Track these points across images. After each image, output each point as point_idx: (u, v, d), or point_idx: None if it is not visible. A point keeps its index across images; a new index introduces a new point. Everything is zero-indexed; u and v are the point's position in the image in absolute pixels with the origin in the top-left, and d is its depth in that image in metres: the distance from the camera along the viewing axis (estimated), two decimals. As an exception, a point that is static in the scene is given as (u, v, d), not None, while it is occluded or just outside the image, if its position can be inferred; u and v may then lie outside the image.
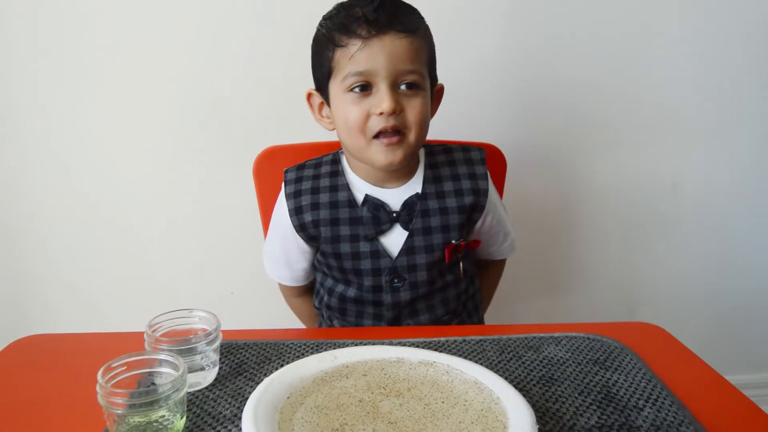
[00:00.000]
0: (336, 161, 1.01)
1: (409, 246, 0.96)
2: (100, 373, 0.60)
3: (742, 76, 1.53)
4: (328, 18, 0.93)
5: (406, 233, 0.96)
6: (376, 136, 0.90)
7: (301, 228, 0.98)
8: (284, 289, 1.15)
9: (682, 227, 1.64)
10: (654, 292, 1.69)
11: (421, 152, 1.02)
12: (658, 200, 1.61)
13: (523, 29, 1.46)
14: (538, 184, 1.57)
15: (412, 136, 0.91)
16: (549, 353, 0.80)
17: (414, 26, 0.90)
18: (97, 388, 0.59)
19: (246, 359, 0.78)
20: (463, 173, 1.00)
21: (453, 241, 0.97)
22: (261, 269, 1.14)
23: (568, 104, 1.52)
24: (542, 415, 0.66)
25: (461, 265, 1.01)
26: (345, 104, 0.90)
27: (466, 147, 1.03)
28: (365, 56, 0.87)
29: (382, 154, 0.90)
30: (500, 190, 1.23)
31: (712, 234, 1.65)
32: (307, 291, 1.15)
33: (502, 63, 1.47)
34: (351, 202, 0.97)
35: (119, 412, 0.58)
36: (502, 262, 1.20)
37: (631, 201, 1.60)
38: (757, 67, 1.52)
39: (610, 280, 1.68)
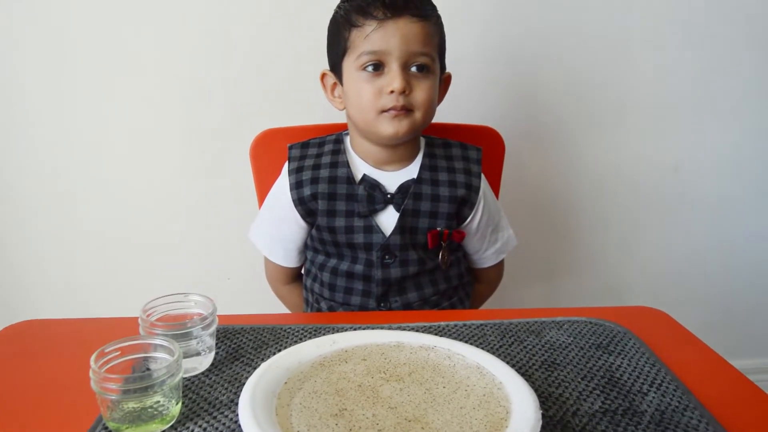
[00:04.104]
0: (339, 141, 1.04)
1: (402, 225, 0.98)
2: (93, 358, 0.59)
3: (744, 57, 1.51)
4: (346, 0, 0.96)
5: (398, 214, 0.98)
6: (385, 111, 0.93)
7: (299, 202, 1.00)
8: (274, 274, 1.15)
9: (683, 210, 1.63)
10: (655, 276, 1.68)
11: (422, 142, 1.05)
12: (660, 183, 1.59)
13: (525, 12, 1.44)
14: (537, 167, 1.56)
15: (418, 114, 0.94)
16: (551, 338, 0.79)
17: (427, 13, 0.94)
18: (90, 374, 0.58)
19: (243, 344, 0.76)
20: (459, 168, 1.03)
21: (438, 228, 0.99)
22: (258, 254, 1.13)
23: (567, 87, 1.50)
24: (545, 399, 0.64)
25: (444, 254, 1.02)
26: (358, 82, 0.94)
27: (464, 144, 1.06)
28: (380, 36, 0.90)
29: (389, 124, 0.93)
30: (498, 173, 1.22)
31: (714, 218, 1.64)
32: (295, 279, 1.16)
33: (501, 46, 1.45)
34: (349, 179, 0.99)
35: (113, 398, 0.57)
36: (496, 271, 1.18)
37: (632, 184, 1.59)
38: (760, 49, 1.50)
39: (611, 263, 1.67)
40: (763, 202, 1.63)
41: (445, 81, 1.04)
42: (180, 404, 0.61)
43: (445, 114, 1.11)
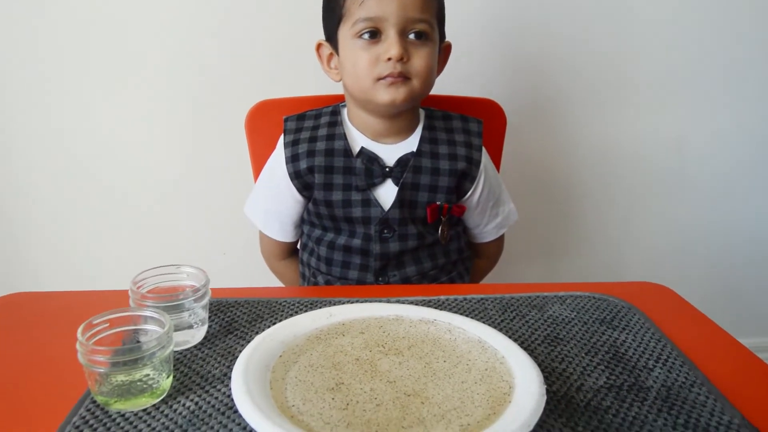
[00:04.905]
0: (336, 113, 1.01)
1: (401, 199, 0.96)
2: (80, 330, 0.57)
3: (749, 31, 1.48)
4: None
5: (397, 188, 0.96)
6: (382, 79, 0.90)
7: (296, 175, 0.97)
8: (269, 249, 1.13)
9: (686, 187, 1.60)
10: (657, 254, 1.67)
11: (421, 114, 1.02)
12: (663, 159, 1.57)
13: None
14: (539, 141, 1.53)
15: (416, 82, 0.91)
16: (553, 312, 0.77)
17: None
18: (77, 346, 0.55)
19: (237, 317, 0.74)
20: (459, 140, 1.00)
21: (437, 202, 0.96)
22: (254, 229, 1.10)
23: (570, 61, 1.47)
24: (548, 375, 0.62)
25: (444, 229, 1.00)
26: (354, 50, 0.91)
27: (465, 117, 1.03)
28: (376, 3, 0.88)
29: (386, 92, 0.90)
30: (499, 146, 1.19)
31: (717, 195, 1.62)
32: (291, 254, 1.13)
33: (503, 17, 1.42)
34: (347, 151, 0.96)
35: (101, 370, 0.55)
36: (496, 246, 1.16)
37: (634, 160, 1.56)
38: (765, 23, 1.47)
39: (612, 240, 1.65)
40: None
41: (444, 50, 1.01)
42: (171, 378, 0.59)
43: (445, 86, 1.09)
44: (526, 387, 0.55)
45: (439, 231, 0.99)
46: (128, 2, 1.33)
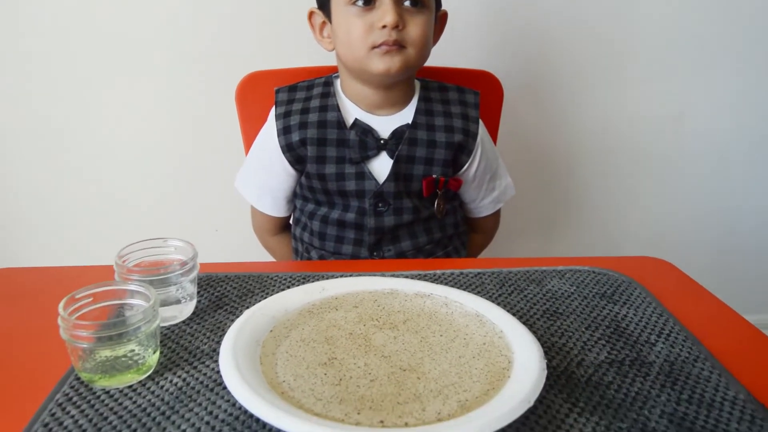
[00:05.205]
0: (329, 83, 0.98)
1: (396, 172, 0.93)
2: (61, 304, 0.54)
3: (748, 7, 1.45)
4: None
5: (391, 160, 0.93)
6: (377, 47, 0.87)
7: (288, 148, 0.95)
8: (261, 225, 1.10)
9: (685, 162, 1.58)
10: (655, 230, 1.65)
11: (417, 85, 1.00)
12: (661, 133, 1.55)
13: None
14: (536, 115, 1.50)
15: (412, 51, 0.88)
16: (552, 287, 0.75)
17: None
18: (59, 321, 0.53)
19: (227, 292, 0.72)
20: (456, 112, 0.98)
21: (433, 175, 0.94)
22: (246, 204, 1.08)
23: (569, 35, 1.44)
24: (548, 349, 0.61)
25: (440, 203, 0.98)
26: (347, 18, 0.88)
27: (461, 88, 1.00)
28: None
29: (380, 60, 0.87)
30: (496, 120, 1.17)
31: (716, 170, 1.60)
32: (283, 229, 1.11)
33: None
34: (340, 123, 0.93)
35: (84, 346, 0.53)
36: (493, 221, 1.14)
37: (632, 134, 1.54)
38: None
39: (610, 216, 1.63)
40: (766, 154, 1.59)
41: (440, 19, 0.98)
42: (158, 354, 0.57)
43: (441, 57, 1.06)
44: (526, 362, 0.53)
45: (435, 205, 0.97)
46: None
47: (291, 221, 1.09)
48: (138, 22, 1.33)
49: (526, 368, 0.52)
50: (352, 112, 0.95)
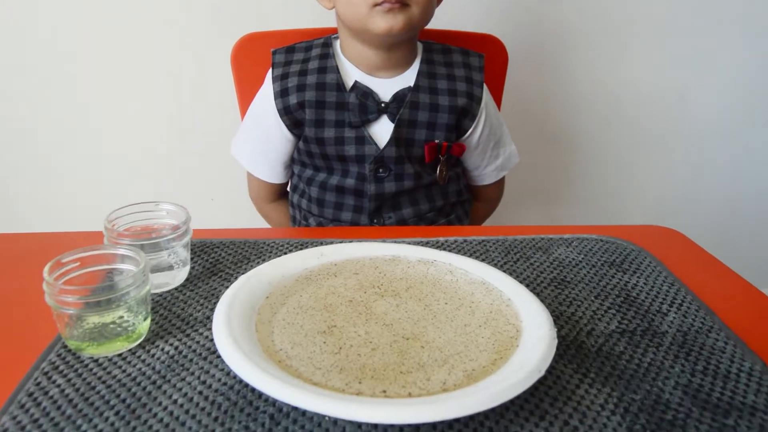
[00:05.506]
0: (328, 44, 0.95)
1: (397, 137, 0.90)
2: (46, 268, 0.51)
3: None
4: None
5: (392, 125, 0.90)
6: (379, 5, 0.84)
7: (285, 111, 0.91)
8: (258, 191, 1.07)
9: (689, 132, 1.55)
10: (660, 201, 1.62)
11: (419, 47, 0.96)
12: (665, 104, 1.51)
13: None
14: (541, 80, 1.47)
15: (415, 10, 0.84)
16: (559, 255, 0.72)
17: None
18: (44, 286, 0.50)
19: (221, 258, 0.69)
20: (459, 75, 0.94)
21: (436, 141, 0.91)
22: (242, 171, 1.05)
23: (576, 4, 1.39)
24: (556, 318, 0.58)
25: (443, 169, 0.95)
26: None
27: (465, 50, 0.97)
28: None
29: (382, 19, 0.83)
30: (500, 85, 1.14)
31: (720, 142, 1.57)
32: (281, 196, 1.08)
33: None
34: (339, 85, 0.90)
35: (70, 312, 0.50)
36: (496, 189, 1.11)
37: (638, 103, 1.51)
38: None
39: (614, 186, 1.60)
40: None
41: None
42: (148, 321, 0.55)
43: (444, 20, 1.02)
44: (535, 330, 0.51)
45: (438, 171, 0.94)
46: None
47: (288, 188, 1.06)
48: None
49: (535, 337, 0.49)
50: (351, 74, 0.92)
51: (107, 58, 1.35)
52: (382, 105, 0.90)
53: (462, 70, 0.94)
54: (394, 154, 0.90)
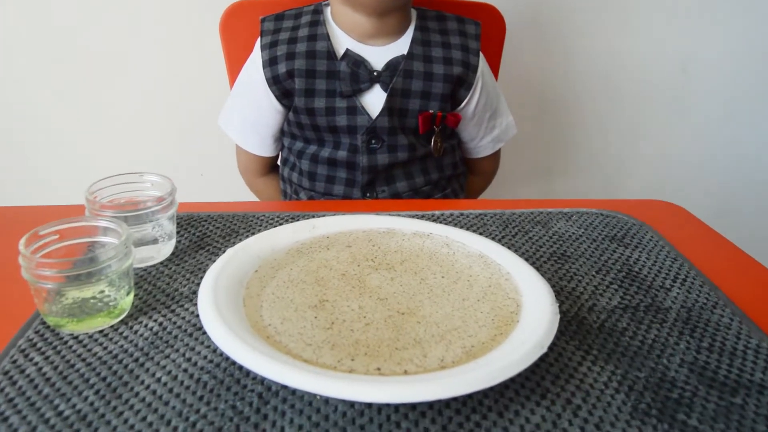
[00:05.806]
0: (318, 11, 0.92)
1: (391, 107, 0.87)
2: (22, 241, 0.49)
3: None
4: None
5: (385, 94, 0.87)
6: None
7: (274, 81, 0.89)
8: (247, 165, 1.04)
9: (692, 105, 1.52)
10: (661, 174, 1.60)
11: (413, 14, 0.93)
12: (668, 75, 1.48)
13: None
14: (540, 51, 1.43)
15: None
16: (559, 229, 0.70)
17: None
18: (20, 260, 0.48)
19: (209, 232, 0.67)
20: (455, 43, 0.91)
21: (430, 111, 0.88)
22: (231, 143, 1.01)
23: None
24: (557, 294, 0.56)
25: (437, 141, 0.92)
26: None
27: (461, 18, 0.94)
28: None
29: None
30: (498, 55, 1.11)
31: (723, 114, 1.54)
32: (271, 170, 1.06)
33: None
34: (330, 54, 0.87)
35: (48, 286, 0.47)
36: (492, 162, 1.08)
37: (638, 76, 1.47)
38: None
39: (613, 160, 1.58)
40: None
41: None
42: (131, 296, 0.52)
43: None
44: (536, 305, 0.48)
45: (432, 143, 0.91)
46: None
47: (279, 161, 1.03)
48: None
49: (536, 312, 0.47)
50: (343, 41, 0.89)
51: (92, 26, 1.30)
52: (375, 74, 0.87)
53: (457, 38, 0.91)
54: (387, 125, 0.88)
